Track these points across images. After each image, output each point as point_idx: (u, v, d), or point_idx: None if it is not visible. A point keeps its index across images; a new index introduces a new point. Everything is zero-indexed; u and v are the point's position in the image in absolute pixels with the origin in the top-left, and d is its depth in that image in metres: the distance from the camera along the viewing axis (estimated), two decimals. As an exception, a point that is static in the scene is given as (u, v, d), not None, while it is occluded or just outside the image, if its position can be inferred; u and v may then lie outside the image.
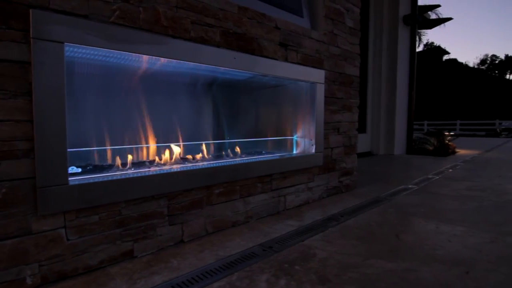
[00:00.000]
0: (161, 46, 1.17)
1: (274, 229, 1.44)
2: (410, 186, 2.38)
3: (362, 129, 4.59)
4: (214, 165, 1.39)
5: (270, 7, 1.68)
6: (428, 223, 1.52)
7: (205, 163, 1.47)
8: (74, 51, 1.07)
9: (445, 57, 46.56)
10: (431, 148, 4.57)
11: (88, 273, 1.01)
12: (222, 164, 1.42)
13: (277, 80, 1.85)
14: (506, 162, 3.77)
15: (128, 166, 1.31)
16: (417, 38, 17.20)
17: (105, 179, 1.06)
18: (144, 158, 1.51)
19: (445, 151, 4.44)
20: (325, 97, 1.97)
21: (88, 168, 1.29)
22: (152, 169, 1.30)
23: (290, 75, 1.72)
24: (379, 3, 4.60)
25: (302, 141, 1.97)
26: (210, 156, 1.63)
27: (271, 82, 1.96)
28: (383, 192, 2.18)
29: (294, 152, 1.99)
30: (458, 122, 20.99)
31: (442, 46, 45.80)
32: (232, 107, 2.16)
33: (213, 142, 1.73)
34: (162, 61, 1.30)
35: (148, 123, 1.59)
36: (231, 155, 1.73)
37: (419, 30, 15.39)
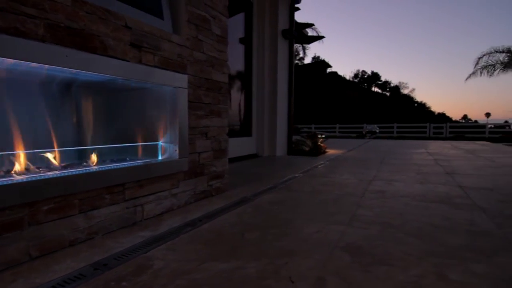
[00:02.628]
0: None
1: (121, 243, 1.34)
2: (277, 185, 2.60)
3: (248, 132, 4.83)
4: (38, 177, 1.20)
5: (119, 3, 1.57)
6: (277, 219, 1.67)
7: (30, 176, 1.25)
8: None
9: (329, 69, 54.05)
10: (307, 149, 5.15)
11: None
12: (51, 176, 1.24)
13: (138, 83, 1.74)
14: (360, 160, 4.55)
15: None
16: (303, 52, 19.41)
17: None
18: None
19: (317, 151, 5.08)
20: (190, 102, 1.97)
21: None
22: None
23: (146, 78, 1.65)
24: (261, 16, 4.94)
25: (167, 147, 1.91)
26: (36, 167, 1.40)
27: (131, 85, 1.83)
28: (251, 193, 2.31)
29: (160, 158, 1.91)
30: (337, 125, 24.63)
31: (326, 60, 52.99)
32: (89, 111, 1.93)
33: (48, 151, 1.49)
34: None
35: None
36: (73, 164, 1.54)
37: (304, 45, 17.35)
